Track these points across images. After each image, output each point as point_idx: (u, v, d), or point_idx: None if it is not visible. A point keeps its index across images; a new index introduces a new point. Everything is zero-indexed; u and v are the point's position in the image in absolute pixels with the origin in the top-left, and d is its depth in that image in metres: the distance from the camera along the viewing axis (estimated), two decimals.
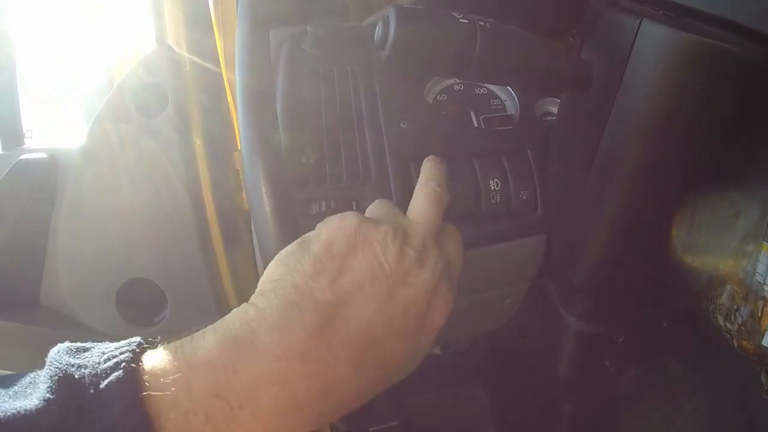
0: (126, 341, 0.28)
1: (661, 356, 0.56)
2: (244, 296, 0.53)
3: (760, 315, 0.48)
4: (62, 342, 0.49)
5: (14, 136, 0.63)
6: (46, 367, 0.26)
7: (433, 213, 0.34)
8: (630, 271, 0.44)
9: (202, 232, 0.51)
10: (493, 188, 0.42)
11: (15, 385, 0.26)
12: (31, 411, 0.24)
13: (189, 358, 0.26)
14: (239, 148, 0.53)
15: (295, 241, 0.32)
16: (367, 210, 0.35)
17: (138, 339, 0.28)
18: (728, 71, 0.30)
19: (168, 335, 0.49)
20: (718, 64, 0.29)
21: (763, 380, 0.49)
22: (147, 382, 0.25)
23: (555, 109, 0.48)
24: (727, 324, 0.51)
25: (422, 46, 0.31)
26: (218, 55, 0.57)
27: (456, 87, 0.47)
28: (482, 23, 0.31)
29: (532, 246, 0.45)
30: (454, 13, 0.31)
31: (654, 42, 0.30)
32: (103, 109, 0.51)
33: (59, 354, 0.27)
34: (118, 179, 0.51)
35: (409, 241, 0.32)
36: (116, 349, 0.27)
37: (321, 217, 0.40)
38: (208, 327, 0.28)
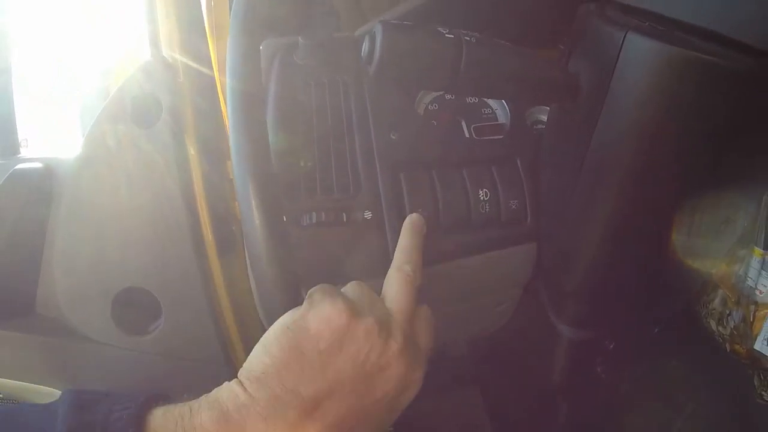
0: (131, 399, 0.32)
1: (657, 359, 0.57)
2: (237, 304, 0.53)
3: (752, 319, 0.48)
4: (58, 350, 0.50)
5: (10, 145, 0.64)
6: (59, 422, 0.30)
7: (407, 299, 0.37)
8: (620, 277, 0.44)
9: (196, 241, 0.51)
10: (482, 198, 0.43)
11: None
12: None
13: (187, 426, 0.30)
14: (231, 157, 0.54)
15: (283, 326, 0.34)
16: (345, 289, 0.37)
17: (142, 399, 0.32)
18: (713, 83, 0.30)
19: (165, 343, 0.50)
20: (702, 75, 0.30)
21: (756, 383, 0.49)
22: None
23: (545, 117, 0.48)
24: (720, 328, 0.51)
25: (408, 61, 0.31)
26: (212, 61, 0.57)
27: (447, 96, 0.47)
28: (468, 38, 0.31)
29: (522, 254, 0.45)
30: (440, 28, 0.31)
31: (639, 54, 0.31)
32: (99, 118, 0.52)
33: (69, 407, 0.31)
34: (114, 188, 0.51)
35: (393, 336, 0.34)
36: (123, 409, 0.31)
37: (312, 228, 0.40)
38: (204, 401, 0.32)
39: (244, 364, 0.34)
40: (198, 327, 0.52)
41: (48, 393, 0.57)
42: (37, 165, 0.57)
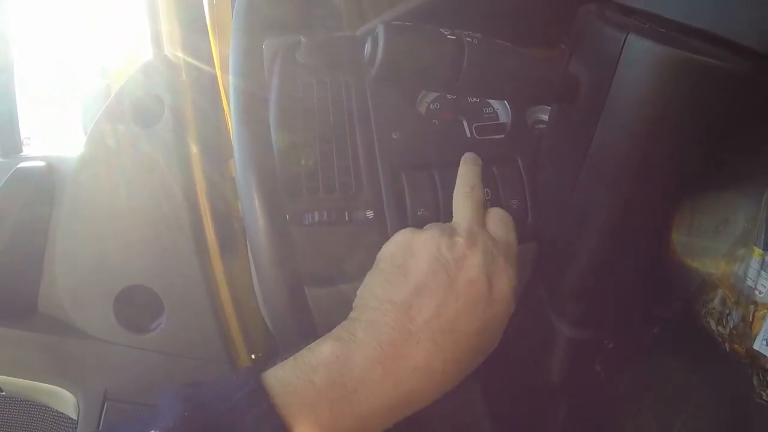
0: (237, 375, 0.34)
1: (657, 359, 0.57)
2: (239, 302, 0.54)
3: (751, 319, 0.48)
4: (60, 348, 0.51)
5: (12, 144, 0.64)
6: (168, 398, 0.32)
7: (470, 209, 0.40)
8: (620, 276, 0.45)
9: (198, 239, 0.51)
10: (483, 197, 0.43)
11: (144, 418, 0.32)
12: (169, 427, 0.29)
13: (308, 361, 0.33)
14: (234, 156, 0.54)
15: (371, 270, 0.39)
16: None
17: (252, 366, 0.34)
18: (712, 85, 0.30)
19: (168, 341, 0.50)
20: (702, 78, 0.30)
21: (755, 383, 0.50)
22: (275, 388, 0.32)
23: (546, 117, 0.48)
24: (719, 328, 0.51)
25: (410, 62, 0.31)
26: (213, 59, 0.58)
27: (449, 96, 0.48)
28: (469, 39, 0.31)
29: (522, 253, 0.45)
30: (441, 30, 0.32)
31: (639, 56, 0.31)
32: (101, 117, 0.52)
33: (179, 388, 0.33)
34: (116, 187, 0.52)
35: (457, 233, 0.37)
36: (239, 374, 0.33)
37: (314, 227, 0.41)
38: (320, 339, 0.35)
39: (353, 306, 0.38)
40: (200, 325, 0.52)
41: (50, 391, 0.57)
42: (40, 164, 0.57)
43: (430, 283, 0.35)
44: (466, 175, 0.42)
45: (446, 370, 0.35)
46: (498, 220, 0.41)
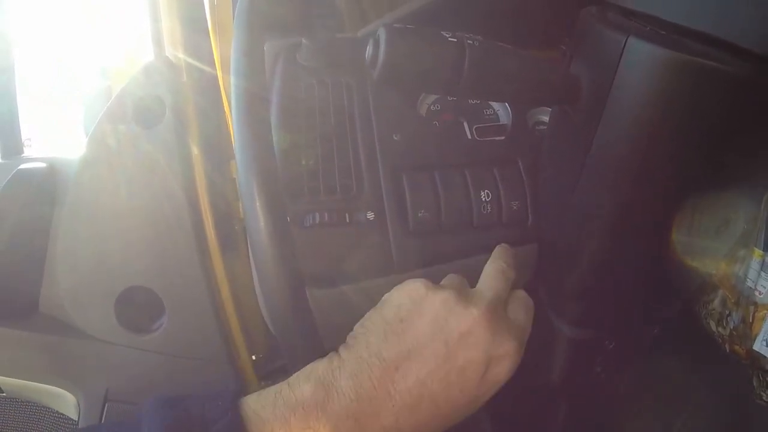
0: (218, 393, 0.35)
1: (657, 359, 0.57)
2: (241, 303, 0.54)
3: (751, 320, 0.48)
4: (61, 348, 0.51)
5: (13, 145, 0.64)
6: (146, 415, 0.32)
7: (499, 282, 0.39)
8: (620, 277, 0.45)
9: (199, 240, 0.52)
10: (484, 199, 0.43)
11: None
12: None
13: (287, 401, 0.33)
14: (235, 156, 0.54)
15: (375, 306, 0.38)
16: (442, 282, 0.40)
17: (230, 391, 0.35)
18: (713, 87, 0.30)
19: (168, 342, 0.50)
20: (703, 80, 0.30)
21: (755, 384, 0.50)
22: (252, 422, 0.32)
23: (547, 118, 0.49)
24: (719, 329, 0.51)
25: (412, 65, 0.31)
26: (215, 59, 0.58)
27: (449, 97, 0.48)
28: (471, 41, 0.32)
29: (523, 254, 0.45)
30: (443, 32, 0.32)
31: (640, 59, 0.31)
32: (102, 119, 0.52)
33: (158, 405, 0.33)
34: (117, 187, 0.52)
35: (474, 304, 0.36)
36: (215, 400, 0.34)
37: (314, 228, 0.41)
38: (301, 374, 0.35)
39: (346, 339, 0.37)
40: (201, 326, 0.52)
41: (51, 392, 0.57)
42: (41, 165, 0.57)
43: (425, 351, 0.34)
44: (503, 253, 0.42)
45: (415, 431, 0.35)
46: (521, 303, 0.40)
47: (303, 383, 0.34)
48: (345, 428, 0.33)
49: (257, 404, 0.34)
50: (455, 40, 0.31)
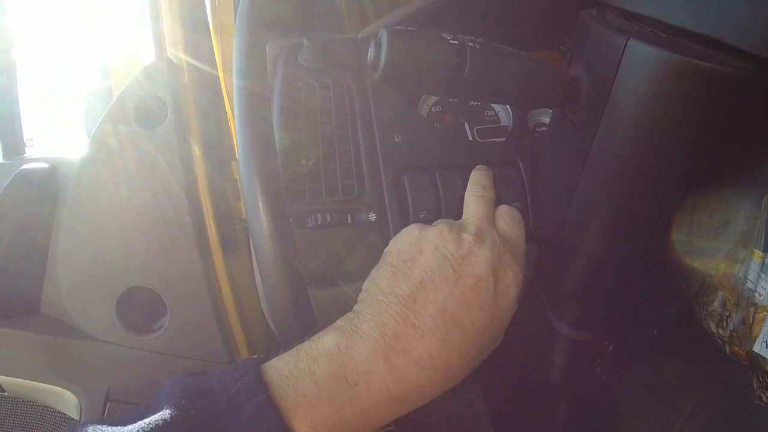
0: (237, 365, 0.33)
1: (657, 360, 0.57)
2: (241, 303, 0.54)
3: (751, 321, 0.48)
4: (63, 348, 0.51)
5: (15, 145, 0.64)
6: (168, 388, 0.31)
7: (481, 207, 0.40)
8: (620, 278, 0.45)
9: (200, 241, 0.52)
10: None
11: (143, 408, 0.31)
12: (166, 419, 0.29)
13: (309, 352, 0.33)
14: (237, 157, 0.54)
15: (379, 262, 0.39)
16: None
17: (252, 358, 0.34)
18: (713, 89, 0.30)
19: (170, 342, 0.50)
20: (703, 82, 0.30)
21: (755, 385, 0.50)
22: (274, 380, 0.31)
23: (547, 120, 0.49)
24: (719, 330, 0.51)
25: (413, 67, 0.31)
26: (216, 60, 0.58)
27: (450, 99, 0.48)
28: (472, 44, 0.32)
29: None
30: (444, 34, 0.32)
31: (640, 61, 0.31)
32: (104, 119, 0.52)
33: (179, 379, 0.32)
34: (119, 188, 0.52)
35: (465, 229, 0.38)
36: (239, 365, 0.33)
37: (317, 229, 0.41)
38: (323, 331, 0.35)
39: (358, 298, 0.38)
40: (202, 326, 0.52)
41: (53, 392, 0.57)
42: (43, 165, 0.57)
43: (436, 278, 0.35)
44: (478, 177, 0.43)
45: (450, 364, 0.35)
46: (507, 217, 0.41)
47: (323, 336, 0.34)
48: (375, 369, 0.33)
49: (278, 363, 0.33)
50: (456, 42, 0.32)
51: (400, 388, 0.33)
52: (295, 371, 0.32)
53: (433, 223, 0.39)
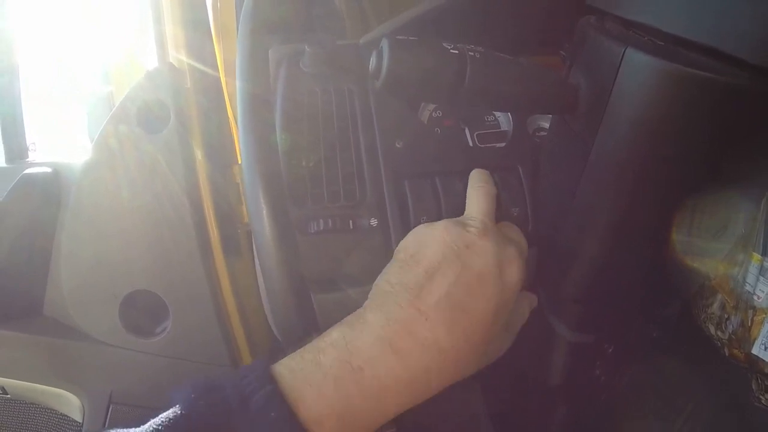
0: (248, 368, 0.34)
1: (656, 362, 0.57)
2: (243, 306, 0.54)
3: (749, 324, 0.48)
4: (66, 351, 0.51)
5: (18, 149, 0.64)
6: (178, 390, 0.32)
7: (483, 203, 0.41)
8: (619, 282, 0.45)
9: (203, 244, 0.52)
10: None
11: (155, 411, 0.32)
12: (177, 412, 0.30)
13: (316, 344, 0.34)
14: (239, 161, 0.54)
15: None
16: None
17: (260, 362, 0.35)
18: (710, 98, 0.30)
19: (172, 345, 0.51)
20: (700, 91, 0.30)
21: (754, 387, 0.50)
22: (282, 374, 0.32)
23: (547, 125, 0.49)
24: (719, 333, 0.52)
25: (414, 76, 0.32)
26: (218, 64, 0.58)
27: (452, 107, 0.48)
28: (472, 53, 0.32)
29: None
30: (444, 44, 0.32)
31: (638, 69, 0.31)
32: (107, 124, 0.52)
33: (188, 381, 0.33)
34: (122, 192, 0.52)
35: (468, 225, 0.39)
36: (247, 376, 0.33)
37: (319, 234, 0.41)
38: (333, 327, 0.36)
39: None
40: (204, 329, 0.53)
41: (55, 393, 0.57)
42: (46, 170, 0.58)
43: (442, 266, 0.36)
44: (478, 173, 0.43)
45: (457, 349, 0.35)
46: (508, 225, 0.42)
47: (330, 331, 0.35)
48: (380, 354, 0.33)
49: (286, 360, 0.34)
50: (457, 51, 0.32)
51: (405, 372, 0.34)
52: (302, 363, 0.33)
53: (439, 221, 0.40)
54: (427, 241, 0.38)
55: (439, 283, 0.36)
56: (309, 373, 0.33)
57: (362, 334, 0.34)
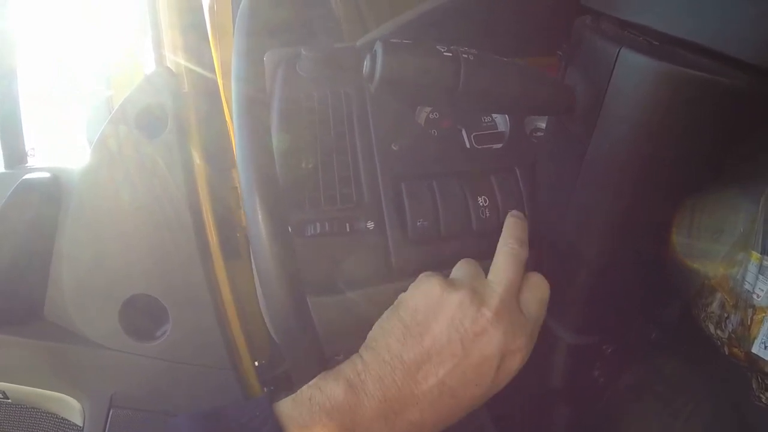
0: (252, 403, 0.36)
1: (656, 362, 0.57)
2: (243, 310, 0.54)
3: (749, 323, 0.48)
4: (66, 355, 0.52)
5: (17, 155, 0.64)
6: (177, 420, 0.34)
7: (511, 271, 0.39)
8: (618, 282, 0.45)
9: (202, 248, 0.52)
10: (482, 204, 0.43)
11: None
12: None
13: (323, 406, 0.35)
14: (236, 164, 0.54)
15: (391, 307, 0.40)
16: (454, 269, 0.41)
17: (262, 399, 0.36)
18: (706, 99, 0.30)
19: (172, 349, 0.51)
20: (695, 92, 0.30)
21: (754, 386, 0.50)
22: (290, 429, 0.34)
23: (544, 125, 0.49)
24: (718, 332, 0.51)
25: (408, 79, 0.32)
26: (215, 66, 0.58)
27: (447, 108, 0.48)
28: (466, 55, 0.32)
29: None
30: (438, 47, 0.32)
31: (632, 70, 0.31)
32: (106, 127, 0.53)
33: (191, 416, 0.35)
34: (121, 195, 0.52)
35: (486, 303, 0.37)
36: (253, 408, 0.35)
37: (316, 238, 0.41)
38: (328, 376, 0.37)
39: (366, 340, 0.39)
40: (204, 332, 0.53)
41: (56, 398, 0.58)
42: (45, 175, 0.58)
43: (443, 352, 0.36)
44: (515, 228, 0.42)
45: (437, 423, 0.37)
46: (535, 290, 0.40)
47: (333, 387, 0.36)
48: (376, 427, 0.35)
49: (293, 411, 0.35)
50: (450, 54, 0.32)
51: None
52: (309, 422, 0.35)
53: (456, 284, 0.38)
54: (437, 313, 0.37)
55: (436, 370, 0.36)
56: None
57: (364, 406, 0.35)
